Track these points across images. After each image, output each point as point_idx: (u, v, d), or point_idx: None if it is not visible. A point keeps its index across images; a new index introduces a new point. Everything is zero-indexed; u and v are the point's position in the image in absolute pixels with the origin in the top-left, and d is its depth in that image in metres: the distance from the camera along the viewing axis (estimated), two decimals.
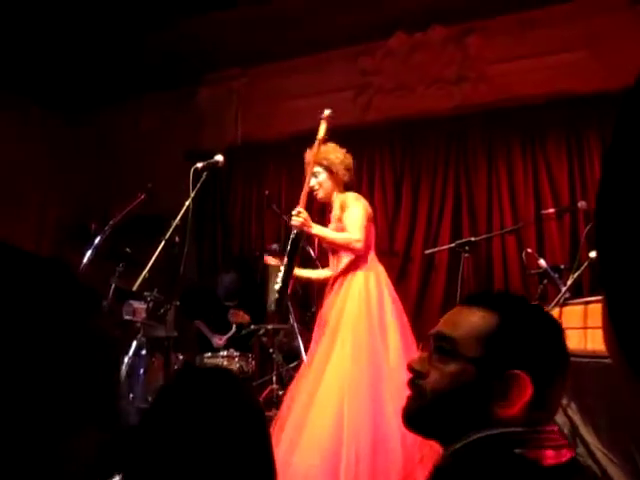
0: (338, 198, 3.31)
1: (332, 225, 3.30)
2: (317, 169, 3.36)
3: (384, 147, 5.27)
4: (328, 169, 3.37)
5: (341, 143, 5.31)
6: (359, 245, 3.08)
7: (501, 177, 4.79)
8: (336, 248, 3.23)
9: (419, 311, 4.78)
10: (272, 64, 5.62)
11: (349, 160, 3.46)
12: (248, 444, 0.99)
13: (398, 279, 4.95)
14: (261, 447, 1.02)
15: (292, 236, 3.14)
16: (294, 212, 3.08)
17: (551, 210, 4.03)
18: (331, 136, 5.39)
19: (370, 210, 3.31)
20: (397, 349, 2.93)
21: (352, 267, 3.16)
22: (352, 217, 3.15)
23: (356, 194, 3.35)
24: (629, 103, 0.51)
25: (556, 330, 1.08)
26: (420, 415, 1.08)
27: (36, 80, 5.78)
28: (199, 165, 3.03)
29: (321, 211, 4.04)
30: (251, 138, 5.70)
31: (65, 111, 6.25)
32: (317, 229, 3.16)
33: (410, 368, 1.11)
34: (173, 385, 1.12)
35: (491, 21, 4.99)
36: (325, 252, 3.52)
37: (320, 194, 3.34)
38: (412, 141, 5.20)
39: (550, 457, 0.96)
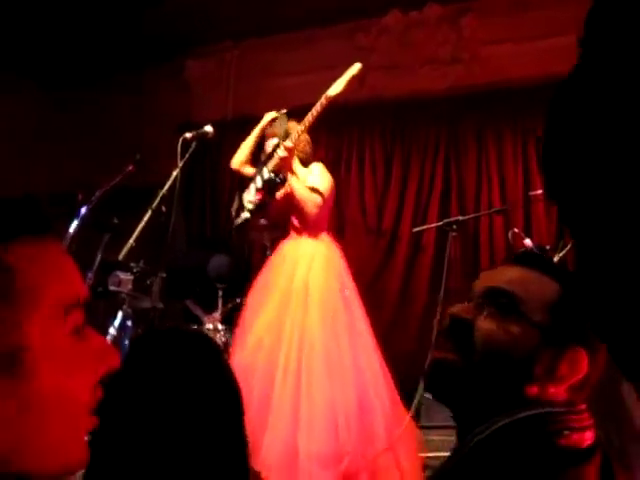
0: (303, 168, 3.27)
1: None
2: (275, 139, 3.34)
3: (375, 125, 5.26)
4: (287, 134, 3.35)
5: (333, 120, 5.34)
6: (316, 210, 3.08)
7: (491, 158, 4.80)
8: (300, 202, 3.13)
9: (405, 290, 4.82)
10: (265, 38, 5.57)
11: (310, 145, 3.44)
12: (221, 415, 0.95)
13: (385, 258, 4.99)
14: (234, 420, 0.98)
15: (270, 175, 3.15)
16: (284, 145, 3.06)
17: (539, 192, 4.04)
18: (322, 113, 5.40)
19: (334, 187, 3.30)
20: (362, 317, 3.00)
21: (311, 232, 3.16)
22: (316, 182, 3.16)
23: (322, 166, 3.35)
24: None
25: None
26: (460, 375, 0.92)
27: (20, 53, 5.70)
28: (188, 135, 3.00)
29: None
30: (242, 112, 5.65)
31: (51, 85, 6.18)
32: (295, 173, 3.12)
33: (453, 316, 0.96)
34: (147, 340, 1.07)
35: (487, 1, 4.96)
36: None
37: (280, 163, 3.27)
38: (404, 120, 5.20)
39: (588, 439, 0.86)
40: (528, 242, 3.34)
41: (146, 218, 2.72)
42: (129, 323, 3.87)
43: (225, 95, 5.75)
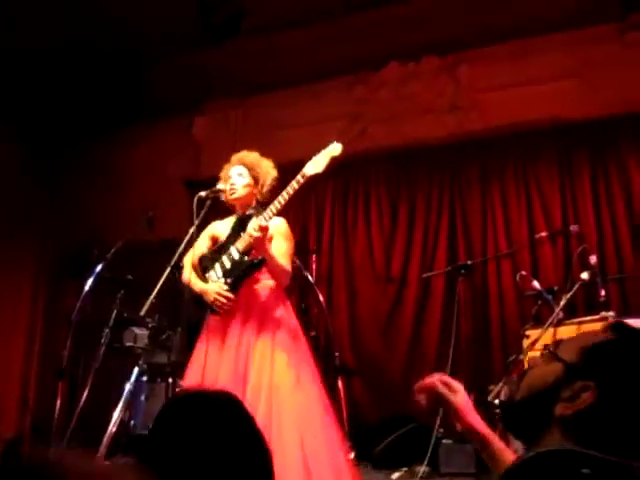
0: (267, 218, 2.95)
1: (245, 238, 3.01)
2: (242, 170, 3.20)
3: (379, 175, 5.37)
4: (256, 179, 3.20)
5: (336, 171, 5.46)
6: (288, 281, 3.01)
7: (495, 202, 4.89)
8: (273, 273, 2.96)
9: (417, 334, 4.84)
10: (268, 94, 5.74)
11: (274, 182, 3.24)
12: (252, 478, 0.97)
13: (395, 304, 5.02)
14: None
15: (243, 257, 2.91)
16: (259, 224, 2.76)
17: (544, 234, 4.12)
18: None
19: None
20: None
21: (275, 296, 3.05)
22: (286, 250, 3.01)
23: (287, 224, 3.15)
24: None
25: None
26: (510, 407, 1.19)
27: (31, 110, 5.87)
28: (202, 193, 3.06)
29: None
30: None
31: (61, 142, 6.34)
32: (271, 249, 2.89)
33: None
34: (178, 404, 1.08)
35: (483, 50, 5.13)
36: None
37: (236, 195, 3.12)
38: (407, 169, 5.30)
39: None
40: (536, 284, 3.39)
41: (165, 274, 2.78)
42: (144, 378, 3.90)
43: (232, 150, 5.86)
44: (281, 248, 2.96)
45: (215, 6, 5.31)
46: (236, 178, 3.20)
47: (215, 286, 2.90)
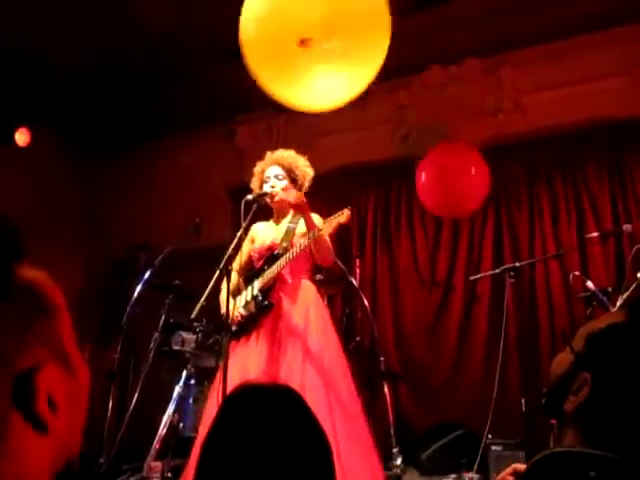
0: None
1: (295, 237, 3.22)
2: (280, 172, 3.29)
3: None
4: (294, 180, 3.31)
5: (379, 175, 5.47)
6: (331, 260, 3.16)
7: (542, 203, 4.81)
8: (319, 247, 3.06)
9: (463, 339, 4.78)
10: None
11: (311, 182, 3.37)
12: (314, 473, 0.96)
13: (440, 309, 4.98)
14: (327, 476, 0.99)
15: (258, 295, 3.11)
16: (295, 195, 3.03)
17: (595, 234, 4.03)
18: (370, 168, 5.53)
19: None
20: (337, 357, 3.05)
21: (303, 274, 3.20)
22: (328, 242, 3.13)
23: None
24: None
25: None
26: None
27: (80, 117, 6.04)
28: (249, 197, 3.11)
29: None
30: None
31: (108, 150, 6.50)
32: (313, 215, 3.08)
33: None
34: (239, 399, 1.06)
35: (524, 51, 5.07)
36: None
37: (277, 199, 3.23)
38: None
39: None
40: (590, 284, 3.31)
41: (214, 277, 2.82)
42: (193, 381, 3.95)
43: None
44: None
45: None
46: (274, 180, 3.27)
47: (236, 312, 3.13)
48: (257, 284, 3.18)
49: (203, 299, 2.74)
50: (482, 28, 5.17)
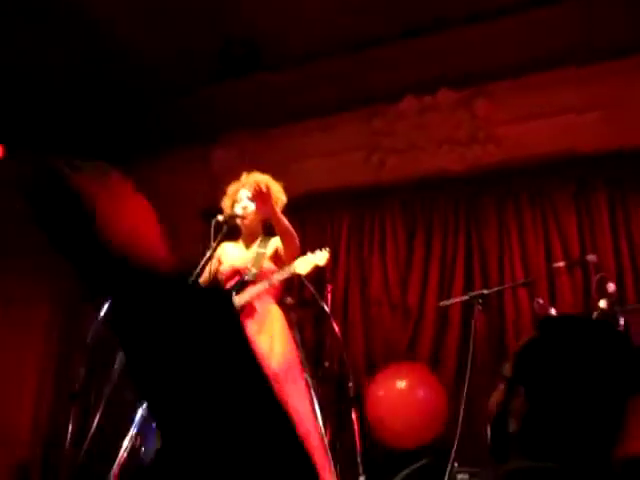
0: (273, 240, 3.28)
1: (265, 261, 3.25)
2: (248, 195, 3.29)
3: (396, 205, 5.37)
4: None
5: (352, 201, 5.49)
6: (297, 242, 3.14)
7: (512, 233, 4.86)
8: (283, 233, 3.13)
9: (435, 368, 4.76)
10: (284, 126, 5.81)
11: (282, 209, 3.39)
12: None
13: (412, 334, 4.97)
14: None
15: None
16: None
17: (561, 263, 4.09)
18: (343, 194, 5.55)
19: None
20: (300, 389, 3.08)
21: (271, 298, 3.20)
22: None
23: None
24: None
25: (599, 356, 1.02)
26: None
27: (49, 139, 5.98)
28: (220, 218, 3.10)
29: None
30: None
31: None
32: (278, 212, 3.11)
33: None
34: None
35: (499, 83, 5.17)
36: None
37: (247, 220, 3.28)
38: (423, 200, 5.31)
39: None
40: (552, 311, 3.34)
41: None
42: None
43: None
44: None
45: (234, 41, 5.43)
46: (247, 202, 3.26)
47: None
48: None
49: None
50: (457, 60, 5.28)
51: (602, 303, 3.05)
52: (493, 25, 4.99)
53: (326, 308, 4.51)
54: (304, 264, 2.88)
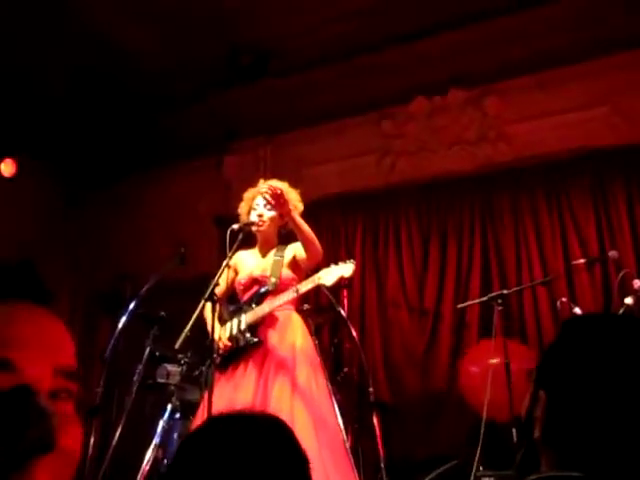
0: (290, 247, 3.25)
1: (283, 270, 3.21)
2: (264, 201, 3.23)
3: (410, 208, 5.35)
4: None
5: (365, 204, 5.47)
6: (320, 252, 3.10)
7: (528, 232, 4.82)
8: (305, 240, 3.08)
9: (453, 367, 4.73)
10: (297, 131, 5.81)
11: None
12: None
13: (430, 337, 4.94)
14: None
15: (247, 333, 3.09)
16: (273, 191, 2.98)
17: (581, 260, 4.04)
18: (357, 198, 5.53)
19: None
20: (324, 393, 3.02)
21: (291, 305, 3.18)
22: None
23: None
24: None
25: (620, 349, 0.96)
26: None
27: (65, 147, 6.01)
28: (235, 226, 3.09)
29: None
30: None
31: (94, 180, 6.47)
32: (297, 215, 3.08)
33: None
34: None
35: (509, 82, 5.14)
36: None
37: (263, 228, 3.23)
38: (437, 201, 5.28)
39: None
40: (577, 310, 3.30)
41: (200, 307, 2.77)
42: (177, 415, 3.86)
43: None
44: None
45: (243, 48, 5.44)
46: (262, 209, 3.24)
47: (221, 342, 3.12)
48: (245, 318, 3.13)
49: (188, 329, 2.70)
50: (466, 59, 5.26)
51: (628, 300, 3.00)
52: (499, 23, 4.97)
53: (343, 313, 4.49)
54: (329, 275, 2.84)
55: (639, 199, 4.54)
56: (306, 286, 2.94)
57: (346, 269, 2.79)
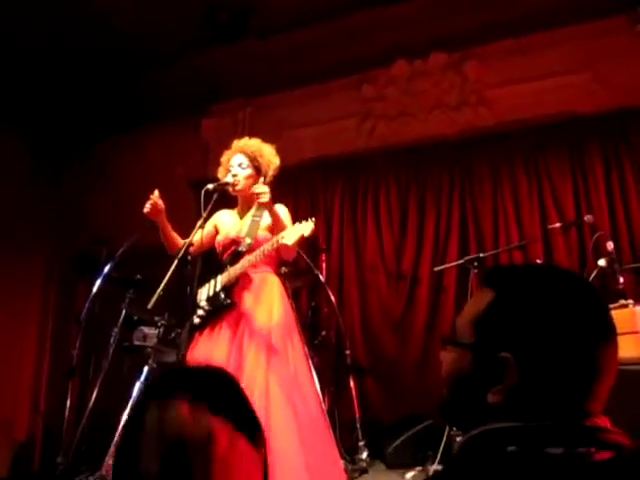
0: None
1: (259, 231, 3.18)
2: (244, 160, 3.23)
3: (389, 172, 5.32)
4: (258, 169, 3.26)
5: (345, 168, 5.44)
6: (294, 254, 3.10)
7: (506, 196, 4.83)
8: (284, 251, 3.04)
9: (430, 331, 4.78)
10: (276, 94, 5.73)
11: (276, 171, 3.31)
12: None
13: (407, 300, 4.97)
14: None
15: (220, 294, 3.07)
16: (259, 189, 2.94)
17: (557, 225, 4.06)
18: (336, 161, 5.50)
19: None
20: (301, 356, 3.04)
21: (268, 267, 3.17)
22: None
23: (287, 209, 3.24)
24: None
25: (571, 301, 0.94)
26: (440, 407, 1.05)
27: (38, 112, 5.88)
28: (210, 186, 3.05)
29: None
30: None
31: (68, 143, 6.35)
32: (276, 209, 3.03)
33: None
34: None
35: (490, 46, 5.09)
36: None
37: (239, 187, 3.18)
38: (416, 165, 5.26)
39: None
40: None
41: (173, 266, 2.75)
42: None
43: None
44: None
45: (222, 6, 5.31)
46: (237, 169, 3.21)
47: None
48: (220, 280, 3.12)
49: (160, 289, 2.67)
50: (447, 22, 5.19)
51: (601, 262, 3.04)
52: None
53: (321, 277, 4.51)
54: (290, 235, 2.82)
55: (616, 165, 4.56)
56: (270, 246, 2.92)
57: (306, 228, 2.77)
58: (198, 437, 0.88)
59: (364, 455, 4.01)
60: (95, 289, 3.98)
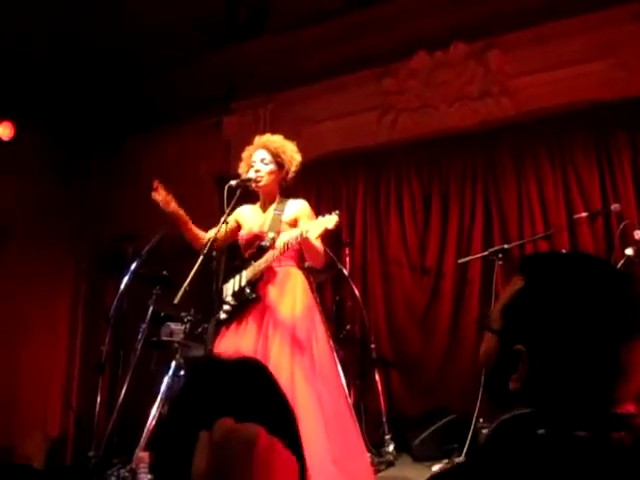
0: (290, 202, 3.25)
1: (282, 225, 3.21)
2: (266, 156, 3.25)
3: (411, 165, 5.30)
4: (280, 165, 3.28)
5: (367, 162, 5.44)
6: (322, 261, 3.17)
7: (530, 186, 4.77)
8: (306, 249, 3.05)
9: (456, 324, 4.76)
10: (297, 89, 5.73)
11: (298, 168, 3.33)
12: None
13: (432, 294, 4.96)
14: None
15: (246, 288, 3.11)
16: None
17: (584, 214, 4.02)
18: (358, 155, 5.50)
19: None
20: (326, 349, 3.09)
21: (292, 261, 3.21)
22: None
23: (309, 205, 3.28)
24: None
25: (597, 295, 0.92)
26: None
27: (66, 109, 5.96)
28: (232, 182, 3.09)
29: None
30: None
31: (94, 141, 6.43)
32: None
33: None
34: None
35: (511, 35, 5.03)
36: None
37: (262, 183, 3.22)
38: (439, 157, 5.22)
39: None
40: None
41: (199, 262, 2.79)
42: (182, 372, 3.92)
43: None
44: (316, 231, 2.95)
45: (240, 5, 5.35)
46: (260, 164, 3.23)
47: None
48: (245, 275, 3.15)
49: (186, 284, 2.71)
50: (467, 12, 5.15)
51: (629, 251, 3.00)
52: None
53: (345, 271, 4.52)
54: (314, 228, 2.82)
55: None
56: (294, 239, 2.93)
57: (330, 221, 2.77)
58: (243, 438, 0.93)
59: (390, 448, 4.03)
60: (123, 286, 4.04)
